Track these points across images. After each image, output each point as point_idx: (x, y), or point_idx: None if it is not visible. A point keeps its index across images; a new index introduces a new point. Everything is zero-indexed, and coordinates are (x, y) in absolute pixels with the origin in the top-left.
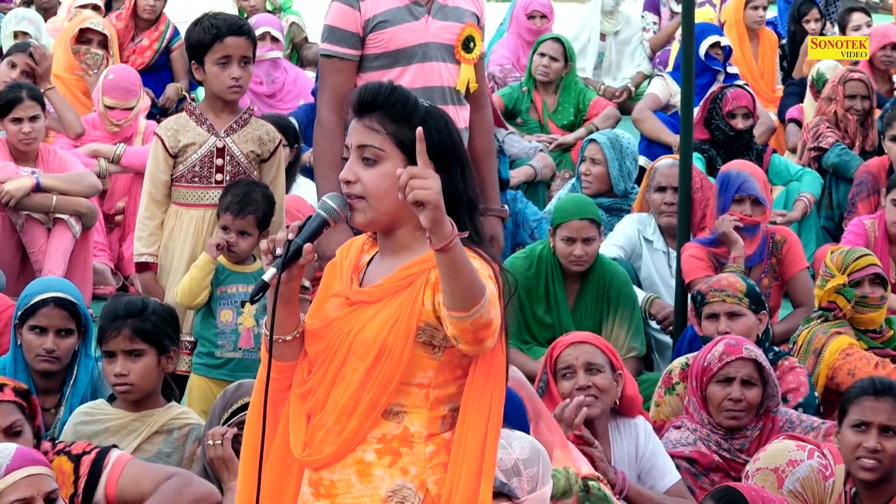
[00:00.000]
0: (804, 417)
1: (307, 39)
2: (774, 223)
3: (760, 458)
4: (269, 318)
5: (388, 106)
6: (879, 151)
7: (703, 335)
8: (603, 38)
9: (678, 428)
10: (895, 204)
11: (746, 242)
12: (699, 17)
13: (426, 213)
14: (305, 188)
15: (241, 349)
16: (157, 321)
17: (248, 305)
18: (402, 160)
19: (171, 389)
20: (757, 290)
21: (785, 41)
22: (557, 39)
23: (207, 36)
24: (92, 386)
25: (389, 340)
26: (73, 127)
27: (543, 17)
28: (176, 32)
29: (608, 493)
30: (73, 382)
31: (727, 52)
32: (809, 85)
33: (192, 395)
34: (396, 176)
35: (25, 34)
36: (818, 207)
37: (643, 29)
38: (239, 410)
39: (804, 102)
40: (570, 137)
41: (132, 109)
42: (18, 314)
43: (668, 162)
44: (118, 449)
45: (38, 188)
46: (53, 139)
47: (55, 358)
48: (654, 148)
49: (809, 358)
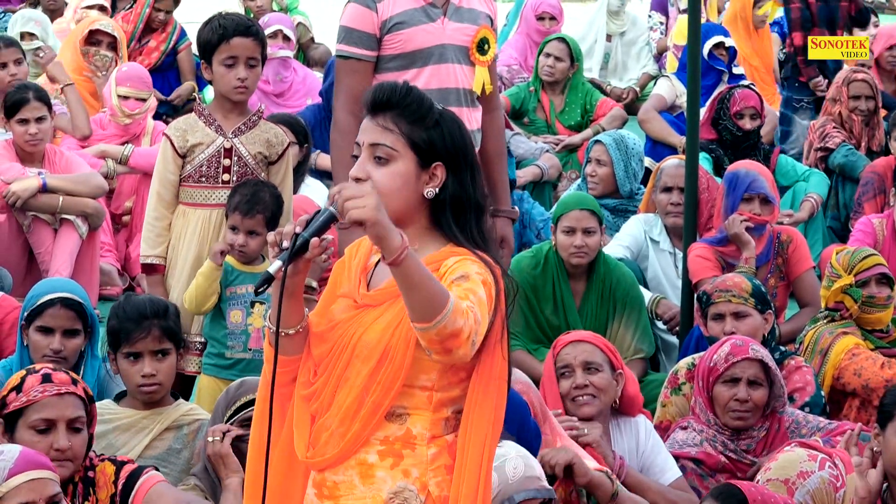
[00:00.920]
0: (810, 417)
1: (313, 40)
2: (781, 223)
3: (772, 467)
4: (273, 310)
5: (402, 106)
6: (886, 151)
7: (709, 335)
8: (609, 38)
9: (684, 429)
10: None
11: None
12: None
13: (368, 230)
14: (314, 188)
15: (251, 350)
16: (176, 321)
17: (257, 306)
18: (413, 160)
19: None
20: (763, 289)
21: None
22: (563, 40)
23: (215, 36)
24: (99, 386)
25: (392, 343)
26: (82, 128)
27: (553, 18)
28: (183, 33)
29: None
30: None
31: (732, 52)
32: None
33: (201, 395)
34: (407, 175)
35: (32, 35)
36: (824, 208)
37: (650, 28)
38: (242, 408)
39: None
40: (576, 138)
41: (145, 101)
42: (25, 315)
43: (674, 162)
44: (155, 470)
45: (44, 189)
46: (60, 140)
47: (62, 358)
48: (659, 149)
49: (816, 358)
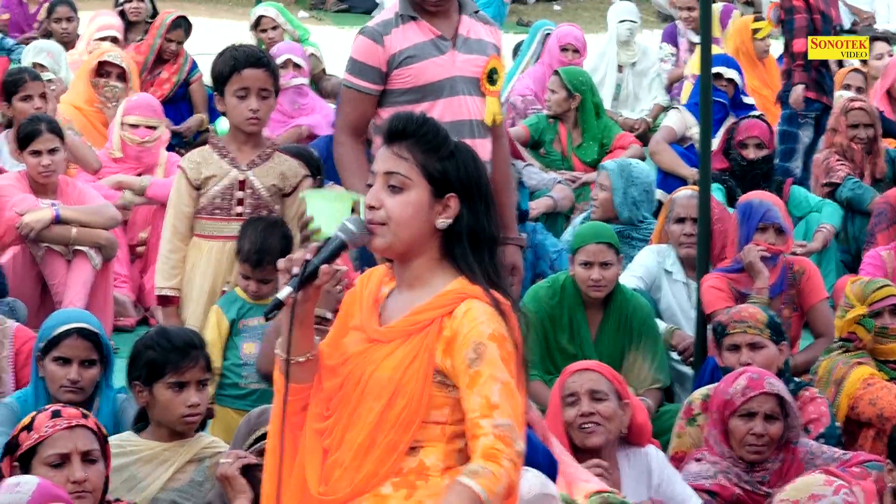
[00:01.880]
0: (825, 448)
1: (325, 71)
2: (794, 254)
3: (787, 489)
4: (283, 338)
5: (418, 136)
6: (891, 180)
7: (724, 366)
8: (620, 69)
9: (698, 461)
10: None
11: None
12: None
13: None
14: None
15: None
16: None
17: None
18: (427, 190)
19: None
20: (777, 320)
21: None
22: (556, 72)
23: (227, 67)
24: (114, 418)
25: (404, 381)
26: (90, 163)
27: (576, 51)
28: (194, 65)
29: (626, 499)
30: (95, 414)
31: (738, 85)
32: None
33: (216, 425)
34: (420, 205)
35: (43, 67)
36: (836, 240)
37: (661, 60)
38: (263, 437)
39: None
40: (589, 177)
41: (155, 129)
42: (41, 346)
43: (686, 193)
44: None
45: (57, 220)
46: (76, 173)
47: (79, 389)
48: (670, 181)
49: (830, 388)
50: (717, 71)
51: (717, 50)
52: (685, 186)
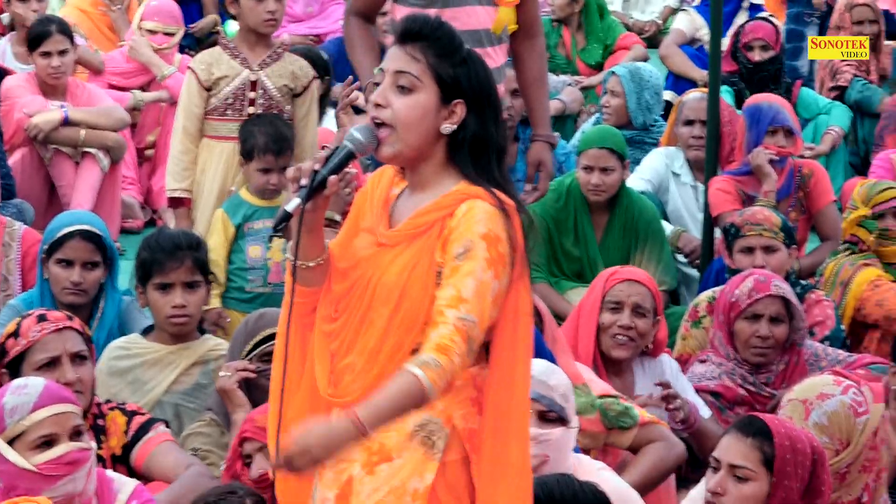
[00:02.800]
0: (829, 350)
1: None
2: (802, 157)
3: (795, 389)
4: (293, 245)
5: (432, 38)
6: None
7: (734, 268)
8: None
9: (703, 362)
10: None
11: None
12: None
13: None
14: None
15: (270, 284)
16: (206, 254)
17: (275, 240)
18: (436, 94)
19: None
20: (790, 225)
21: None
22: None
23: None
24: (119, 319)
25: (409, 285)
26: (94, 66)
27: None
28: None
29: (628, 405)
30: (99, 316)
31: None
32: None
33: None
34: (427, 108)
35: None
36: (844, 142)
37: None
38: (263, 342)
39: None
40: (594, 80)
41: (173, 36)
42: (45, 247)
43: (696, 95)
44: (165, 426)
45: (66, 122)
46: (87, 76)
47: (82, 291)
48: (681, 83)
49: (836, 289)
50: None
51: None
52: (695, 89)
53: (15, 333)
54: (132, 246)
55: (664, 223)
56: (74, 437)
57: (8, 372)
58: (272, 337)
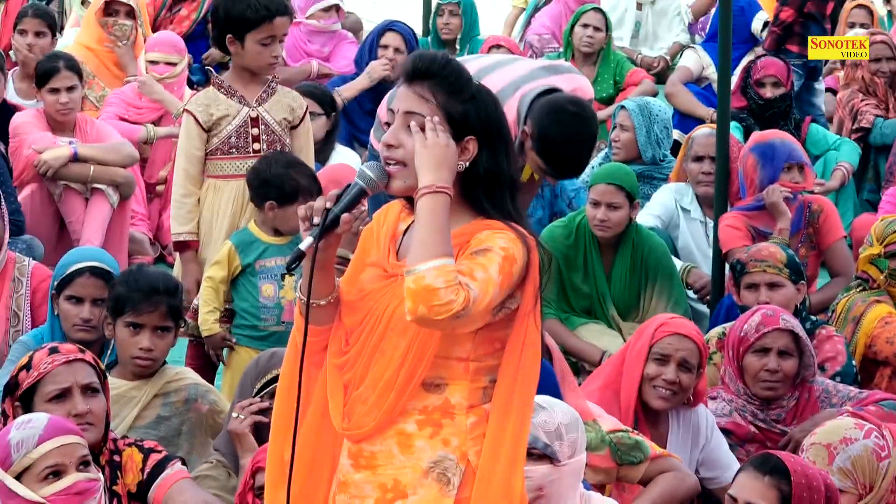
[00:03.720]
0: (840, 387)
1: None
2: (812, 192)
3: (817, 433)
4: (304, 283)
5: (441, 76)
6: None
7: (742, 304)
8: (639, 7)
9: (714, 398)
10: None
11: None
12: None
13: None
14: (345, 156)
15: (283, 322)
16: (181, 300)
17: (287, 278)
18: (447, 132)
19: None
20: (797, 260)
21: None
22: (599, 10)
23: (256, 15)
24: None
25: None
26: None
27: None
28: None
29: (639, 438)
30: (109, 353)
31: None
32: None
33: (235, 366)
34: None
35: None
36: (860, 180)
37: None
38: (273, 380)
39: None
40: (603, 114)
41: (175, 66)
42: (55, 284)
43: (705, 131)
44: (182, 463)
45: (75, 158)
46: (98, 114)
47: (92, 327)
48: (687, 121)
49: (848, 326)
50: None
51: None
52: (704, 125)
53: (27, 366)
54: None
55: (674, 259)
56: (82, 467)
57: (21, 405)
58: None
